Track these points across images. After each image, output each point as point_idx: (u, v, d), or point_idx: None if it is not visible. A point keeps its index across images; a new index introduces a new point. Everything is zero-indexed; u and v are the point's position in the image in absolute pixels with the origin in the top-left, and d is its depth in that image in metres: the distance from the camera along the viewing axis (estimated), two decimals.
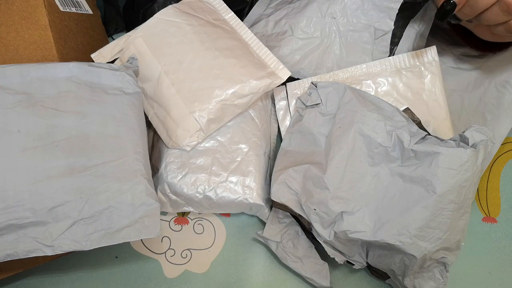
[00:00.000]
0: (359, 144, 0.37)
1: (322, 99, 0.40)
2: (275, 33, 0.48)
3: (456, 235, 0.34)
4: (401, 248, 0.33)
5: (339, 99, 0.39)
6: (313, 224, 0.36)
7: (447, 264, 0.35)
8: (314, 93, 0.41)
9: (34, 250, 0.31)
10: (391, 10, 0.45)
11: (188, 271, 0.41)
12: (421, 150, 0.34)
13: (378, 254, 0.37)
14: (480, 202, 0.45)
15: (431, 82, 0.42)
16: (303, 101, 0.42)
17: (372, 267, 0.38)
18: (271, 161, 0.44)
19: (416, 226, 0.33)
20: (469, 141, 0.34)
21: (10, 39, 0.38)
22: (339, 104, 0.39)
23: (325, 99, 0.40)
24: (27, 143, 0.32)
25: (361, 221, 0.35)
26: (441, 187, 0.33)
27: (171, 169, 0.40)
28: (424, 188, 0.33)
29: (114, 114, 0.36)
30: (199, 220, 0.44)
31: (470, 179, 0.33)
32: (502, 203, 0.45)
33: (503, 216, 0.44)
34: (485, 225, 0.44)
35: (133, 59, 0.41)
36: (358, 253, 0.38)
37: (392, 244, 0.34)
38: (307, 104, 0.41)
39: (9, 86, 0.34)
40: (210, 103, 0.40)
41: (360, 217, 0.35)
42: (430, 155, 0.34)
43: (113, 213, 0.32)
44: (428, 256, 0.34)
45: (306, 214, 0.37)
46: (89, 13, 0.48)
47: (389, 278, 0.38)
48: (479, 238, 0.43)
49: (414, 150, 0.35)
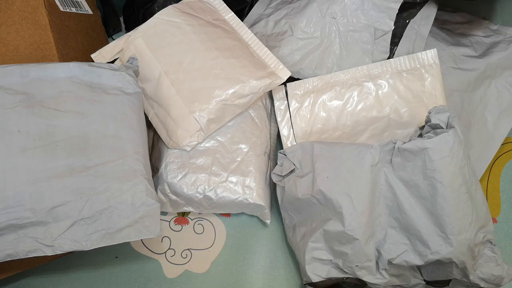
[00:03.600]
0: (357, 183, 0.36)
1: (295, 163, 0.40)
2: (275, 33, 0.48)
3: (481, 210, 0.35)
4: (447, 258, 0.34)
5: (311, 155, 0.39)
6: (364, 278, 0.36)
7: (491, 240, 0.36)
8: (285, 161, 0.41)
9: (34, 250, 0.31)
10: (391, 10, 0.45)
11: (188, 271, 0.41)
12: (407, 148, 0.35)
13: (430, 269, 0.36)
14: None
15: (432, 85, 0.42)
16: (279, 173, 0.41)
17: (431, 282, 0.38)
18: (271, 161, 0.44)
19: (446, 224, 0.33)
20: (440, 124, 0.35)
21: (10, 39, 0.38)
22: (313, 160, 0.38)
23: (298, 162, 0.39)
24: (27, 143, 0.32)
25: (395, 241, 0.35)
26: (446, 177, 0.33)
27: (171, 169, 0.40)
28: (431, 186, 0.34)
29: (114, 114, 0.36)
30: (199, 220, 0.44)
31: (465, 155, 0.34)
32: (502, 203, 0.45)
33: (503, 216, 0.44)
34: None
35: (133, 59, 0.41)
36: (413, 276, 0.37)
37: (440, 260, 0.34)
38: (283, 174, 0.40)
39: (9, 86, 0.34)
40: (210, 103, 0.40)
41: (392, 239, 0.36)
42: (418, 152, 0.34)
43: (113, 213, 0.32)
44: (472, 244, 0.34)
45: (352, 274, 0.36)
46: (89, 13, 0.48)
47: (451, 281, 0.38)
48: None
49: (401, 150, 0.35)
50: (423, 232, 0.34)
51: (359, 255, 0.35)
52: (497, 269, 0.35)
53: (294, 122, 0.44)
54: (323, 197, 0.36)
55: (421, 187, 0.34)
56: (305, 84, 0.44)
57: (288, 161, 0.40)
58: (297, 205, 0.39)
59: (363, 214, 0.35)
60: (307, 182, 0.38)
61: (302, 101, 0.44)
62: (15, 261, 0.31)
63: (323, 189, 0.36)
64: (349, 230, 0.35)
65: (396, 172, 0.36)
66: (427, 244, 0.34)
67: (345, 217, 0.35)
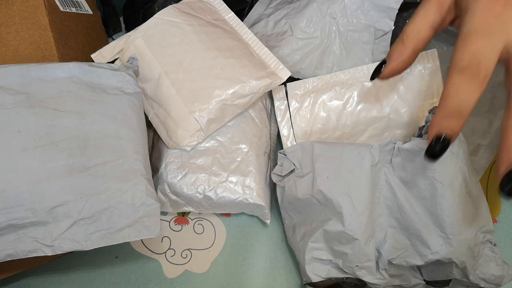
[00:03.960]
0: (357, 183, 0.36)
1: (295, 164, 0.39)
2: (275, 33, 0.48)
3: (481, 210, 0.35)
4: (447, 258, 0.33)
5: (311, 155, 0.38)
6: (364, 278, 0.36)
7: (491, 240, 0.36)
8: (285, 161, 0.40)
9: (34, 250, 0.31)
10: (391, 10, 0.45)
11: (188, 271, 0.41)
12: (408, 148, 0.34)
13: (430, 269, 0.36)
14: None
15: (432, 85, 0.42)
16: (279, 173, 0.41)
17: (431, 282, 0.38)
18: (271, 161, 0.44)
19: (446, 224, 0.33)
20: None
21: (10, 39, 0.38)
22: (313, 159, 0.38)
23: (298, 162, 0.39)
24: (27, 143, 0.32)
25: (395, 241, 0.35)
26: (446, 177, 0.33)
27: (171, 169, 0.40)
28: (431, 186, 0.34)
29: (114, 114, 0.36)
30: (199, 220, 0.44)
31: (466, 155, 0.34)
32: (502, 203, 0.45)
33: (503, 216, 0.44)
34: None
35: (133, 59, 0.41)
36: (413, 276, 0.37)
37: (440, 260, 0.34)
38: (283, 174, 0.40)
39: (9, 86, 0.34)
40: (210, 103, 0.40)
41: (392, 239, 0.35)
42: (418, 152, 0.34)
43: (113, 213, 0.32)
44: (472, 244, 0.34)
45: (352, 274, 0.36)
46: (89, 13, 0.48)
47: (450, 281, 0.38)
48: None
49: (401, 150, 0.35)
50: (423, 232, 0.34)
51: (359, 255, 0.35)
52: (497, 269, 0.35)
53: (294, 122, 0.44)
54: (323, 197, 0.36)
55: (421, 187, 0.34)
56: (305, 84, 0.44)
57: (288, 161, 0.40)
58: (297, 205, 0.39)
59: (363, 214, 0.35)
60: (307, 182, 0.38)
61: (302, 101, 0.44)
62: (15, 261, 0.31)
63: (323, 189, 0.36)
64: (349, 230, 0.35)
65: (396, 172, 0.36)
66: (427, 244, 0.34)
67: (345, 217, 0.35)
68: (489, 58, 0.27)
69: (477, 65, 0.27)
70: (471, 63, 0.27)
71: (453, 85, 0.27)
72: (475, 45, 0.27)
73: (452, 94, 0.27)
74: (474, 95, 0.27)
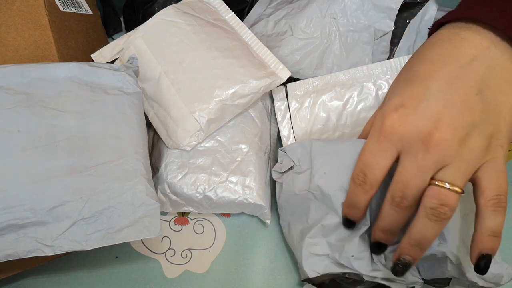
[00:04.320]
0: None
1: (294, 161, 0.40)
2: (275, 33, 0.48)
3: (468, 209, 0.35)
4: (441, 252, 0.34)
5: (309, 153, 0.39)
6: (360, 270, 0.35)
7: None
8: (285, 159, 0.40)
9: (34, 250, 0.31)
10: (391, 10, 0.45)
11: (188, 271, 0.41)
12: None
13: (427, 265, 0.36)
14: None
15: None
16: (278, 170, 0.41)
17: (429, 280, 0.37)
18: (271, 161, 0.44)
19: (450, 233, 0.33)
20: None
21: (10, 39, 0.38)
22: (311, 156, 0.38)
23: (298, 160, 0.39)
24: (27, 143, 0.32)
25: None
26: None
27: (171, 169, 0.40)
28: None
29: (114, 114, 0.36)
30: (199, 220, 0.44)
31: None
32: None
33: None
34: None
35: (133, 59, 0.41)
36: (410, 274, 0.36)
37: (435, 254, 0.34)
38: (282, 171, 0.40)
39: (9, 86, 0.34)
40: (210, 103, 0.40)
41: None
42: None
43: (113, 213, 0.32)
44: (467, 239, 0.34)
45: (349, 266, 0.36)
46: (89, 13, 0.48)
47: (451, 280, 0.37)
48: None
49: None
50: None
51: (355, 245, 0.35)
52: (496, 268, 0.35)
53: (294, 122, 0.44)
54: (320, 193, 0.36)
55: None
56: (305, 84, 0.45)
57: (288, 158, 0.40)
58: (293, 202, 0.39)
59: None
60: (304, 178, 0.38)
61: (302, 102, 0.44)
62: (15, 261, 0.31)
63: (320, 184, 0.36)
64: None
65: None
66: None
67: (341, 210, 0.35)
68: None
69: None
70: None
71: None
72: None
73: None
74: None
